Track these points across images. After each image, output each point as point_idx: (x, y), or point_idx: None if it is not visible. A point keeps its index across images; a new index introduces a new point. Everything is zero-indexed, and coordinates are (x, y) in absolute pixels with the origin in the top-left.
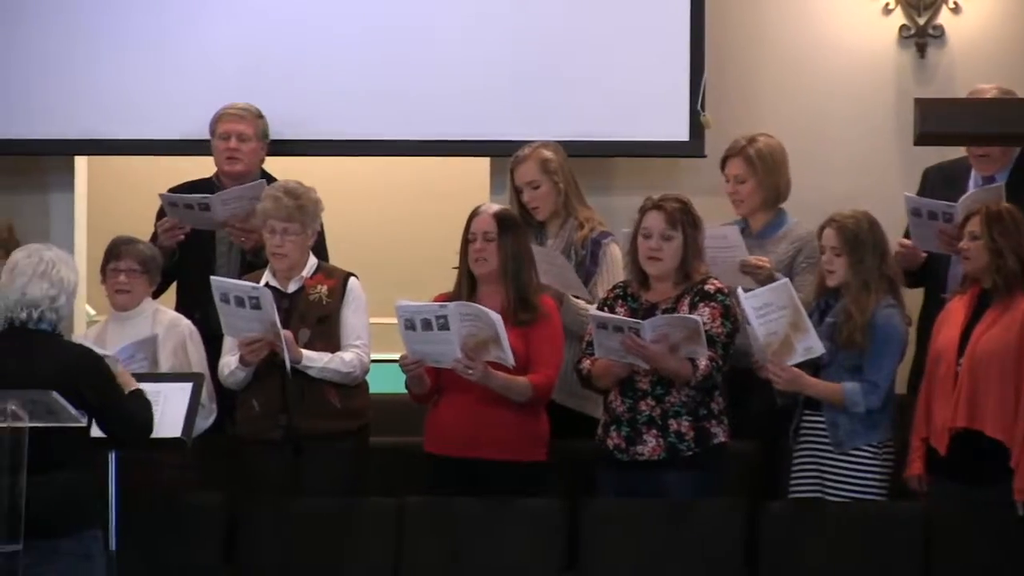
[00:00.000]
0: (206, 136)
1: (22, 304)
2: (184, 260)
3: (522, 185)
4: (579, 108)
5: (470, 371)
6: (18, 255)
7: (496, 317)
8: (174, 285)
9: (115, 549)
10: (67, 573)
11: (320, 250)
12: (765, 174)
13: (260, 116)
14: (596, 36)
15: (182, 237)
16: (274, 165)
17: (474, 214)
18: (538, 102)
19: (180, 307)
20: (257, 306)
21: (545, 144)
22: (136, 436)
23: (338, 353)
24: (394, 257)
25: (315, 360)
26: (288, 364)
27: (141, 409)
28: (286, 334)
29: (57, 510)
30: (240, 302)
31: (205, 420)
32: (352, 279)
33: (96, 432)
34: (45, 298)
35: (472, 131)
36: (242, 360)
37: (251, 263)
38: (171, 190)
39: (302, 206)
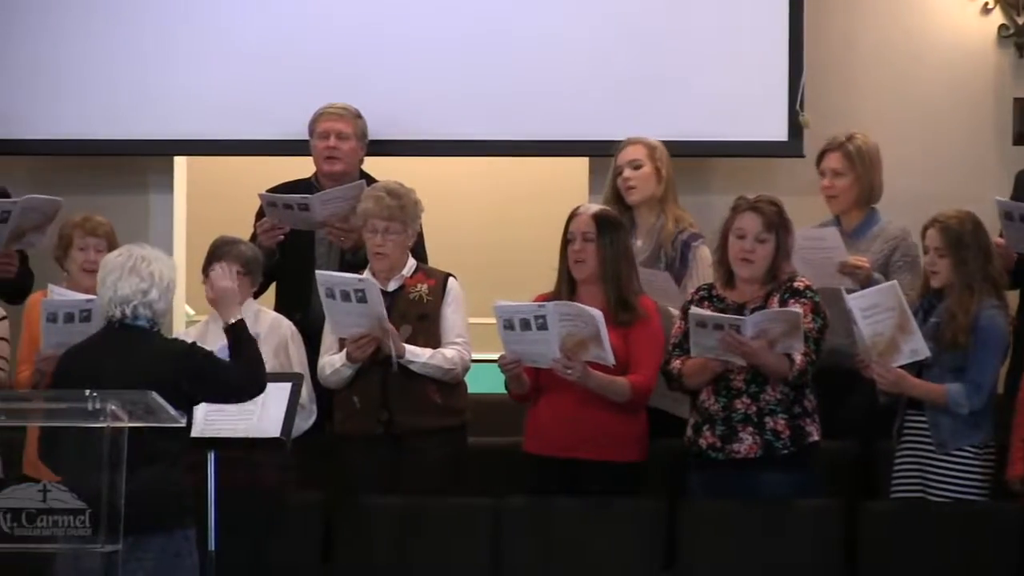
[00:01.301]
0: (305, 136)
1: (115, 301)
2: (284, 261)
3: (623, 164)
4: (678, 108)
5: (569, 371)
6: (110, 255)
7: (596, 314)
8: (273, 286)
9: (214, 549)
10: (156, 571)
11: (419, 251)
12: (863, 171)
13: (359, 116)
14: (695, 36)
15: (281, 237)
16: (373, 165)
17: (573, 215)
18: (637, 102)
19: (280, 308)
20: (363, 299)
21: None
22: (248, 396)
23: (440, 349)
24: (493, 258)
25: (418, 355)
26: (395, 356)
27: (244, 369)
28: (391, 328)
29: (148, 506)
30: (346, 296)
31: (305, 421)
32: (451, 279)
33: (193, 432)
34: (137, 292)
35: (571, 131)
36: (349, 357)
37: (350, 263)
38: (270, 190)
39: (403, 206)
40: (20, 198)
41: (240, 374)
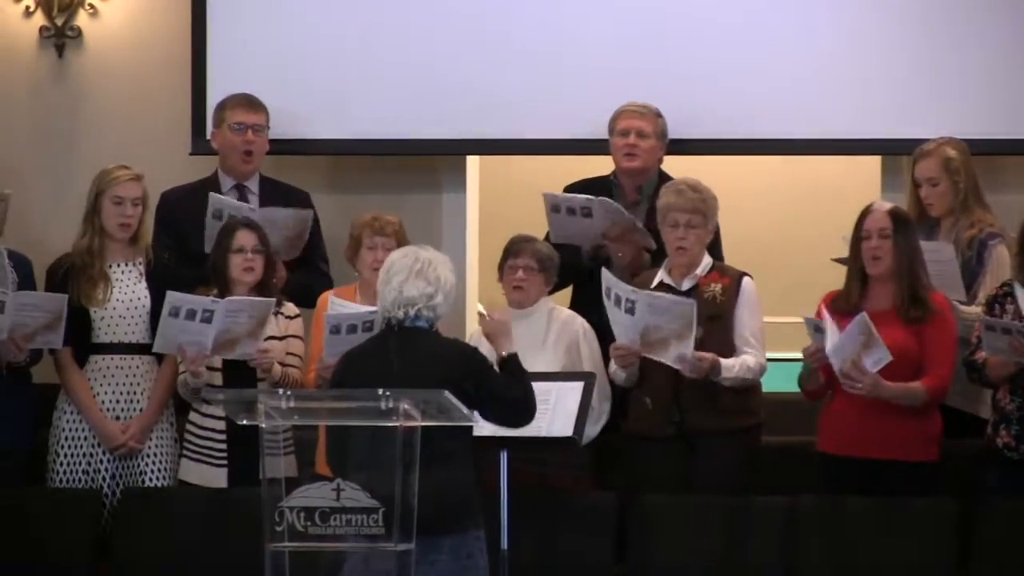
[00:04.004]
0: (597, 136)
1: (399, 303)
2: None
3: (921, 180)
4: (968, 106)
5: (859, 386)
6: (394, 255)
7: (860, 319)
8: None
9: (506, 548)
10: (448, 572)
11: (716, 249)
12: None
13: (659, 115)
14: (983, 32)
15: None
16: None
17: (866, 212)
18: (929, 100)
19: (575, 305)
20: (631, 311)
21: (949, 141)
22: (520, 417)
23: (743, 358)
24: (785, 256)
25: (729, 368)
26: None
27: (518, 390)
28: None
29: (440, 507)
30: (618, 302)
31: (594, 425)
32: (746, 279)
33: (486, 431)
34: (422, 296)
35: (863, 130)
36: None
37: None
38: (567, 187)
39: (704, 199)
40: (261, 208)
41: (518, 393)
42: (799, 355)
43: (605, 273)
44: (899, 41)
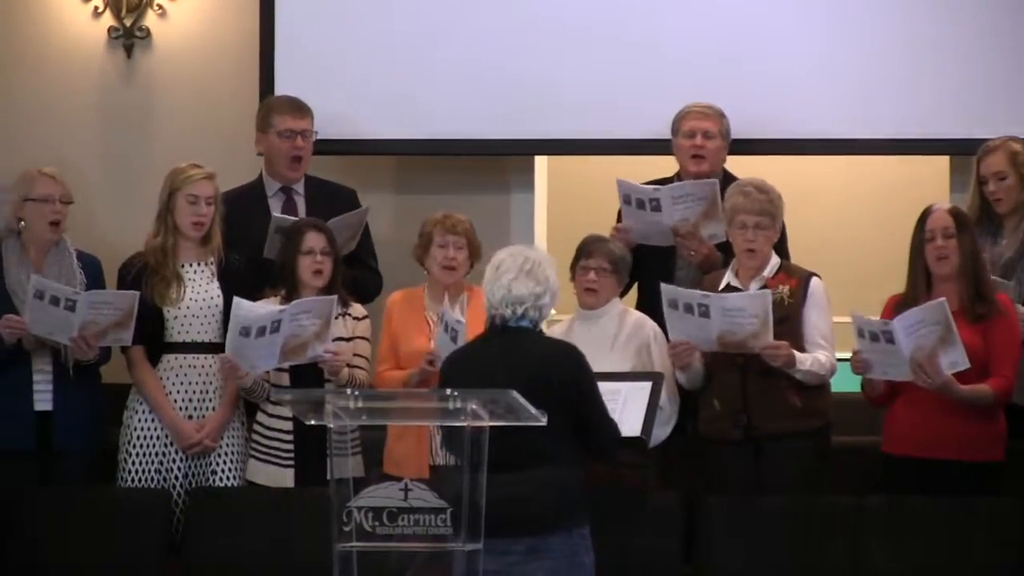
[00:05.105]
0: (664, 136)
1: (507, 301)
2: (645, 262)
3: (988, 176)
4: None
5: (928, 380)
6: (502, 254)
7: (938, 304)
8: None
9: None
10: (555, 570)
11: (781, 248)
12: None
13: (723, 115)
14: None
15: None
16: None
17: (927, 213)
18: (997, 100)
19: (641, 307)
20: (706, 315)
21: (1014, 138)
22: (608, 446)
23: (816, 354)
24: (852, 255)
25: (803, 362)
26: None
27: (613, 429)
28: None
29: (546, 506)
30: (689, 308)
31: (663, 428)
32: (814, 279)
33: None
34: (530, 296)
35: (929, 130)
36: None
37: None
38: None
39: (772, 200)
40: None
41: (613, 429)
42: None
43: (664, 286)
44: (966, 41)
